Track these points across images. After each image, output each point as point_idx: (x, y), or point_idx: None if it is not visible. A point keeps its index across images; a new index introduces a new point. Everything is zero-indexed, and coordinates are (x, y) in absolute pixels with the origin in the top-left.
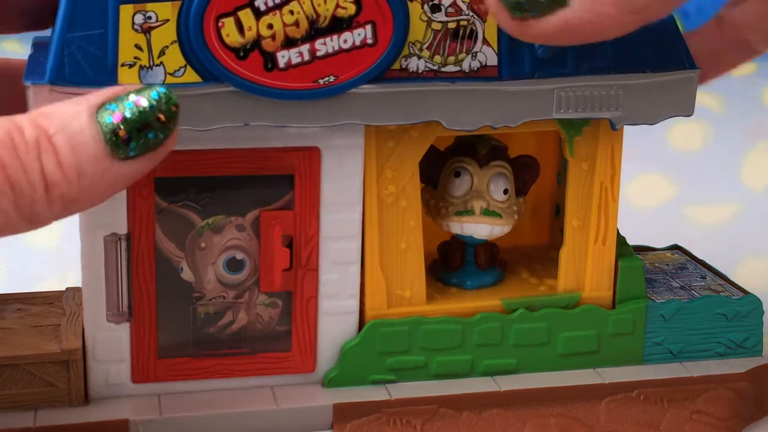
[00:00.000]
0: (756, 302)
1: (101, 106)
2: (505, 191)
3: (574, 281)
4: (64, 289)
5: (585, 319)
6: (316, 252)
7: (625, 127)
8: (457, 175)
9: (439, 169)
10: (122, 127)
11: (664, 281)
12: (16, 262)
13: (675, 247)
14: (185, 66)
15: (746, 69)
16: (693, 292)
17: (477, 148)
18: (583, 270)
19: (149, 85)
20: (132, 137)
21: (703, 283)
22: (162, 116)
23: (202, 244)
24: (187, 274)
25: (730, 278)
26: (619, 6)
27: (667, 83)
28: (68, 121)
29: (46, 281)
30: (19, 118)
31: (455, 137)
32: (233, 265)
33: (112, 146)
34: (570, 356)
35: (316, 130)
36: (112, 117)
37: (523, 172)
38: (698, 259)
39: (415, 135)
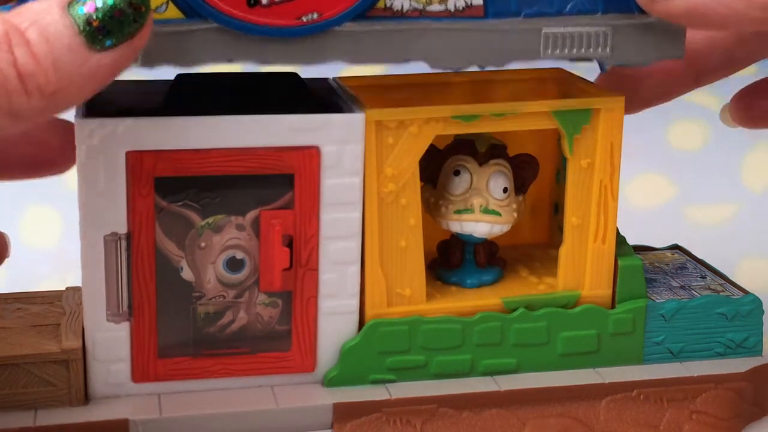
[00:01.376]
0: (756, 302)
1: (71, 1)
2: (505, 190)
3: (573, 280)
4: (64, 289)
5: (585, 319)
6: (316, 251)
7: (625, 125)
8: (457, 173)
9: (438, 167)
10: (95, 16)
11: (664, 281)
12: (16, 262)
13: (675, 247)
14: (167, 2)
15: (746, 70)
16: (693, 291)
17: (476, 147)
18: (583, 268)
19: None
20: (106, 26)
21: (703, 283)
22: (134, 3)
23: (202, 244)
24: (187, 274)
25: (730, 278)
26: (747, 3)
27: (657, 25)
28: (40, 14)
29: (46, 281)
30: None
31: (454, 136)
32: (233, 265)
33: (87, 37)
34: (570, 356)
35: (315, 128)
36: (84, 8)
37: (523, 171)
38: (698, 259)
39: (415, 132)
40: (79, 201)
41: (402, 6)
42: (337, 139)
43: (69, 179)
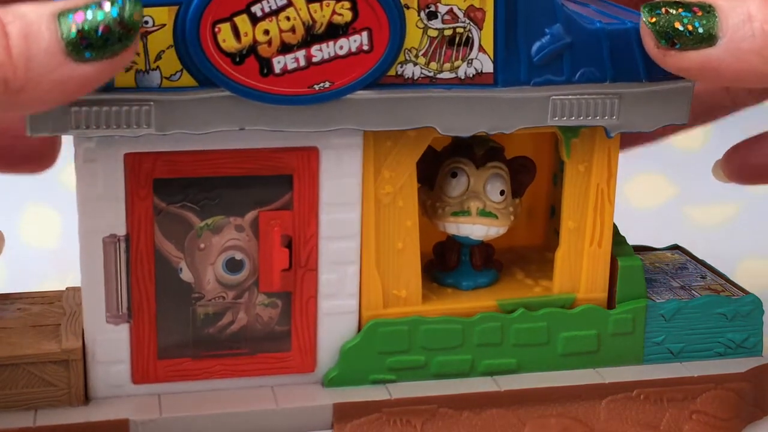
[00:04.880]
0: (756, 302)
1: (64, 10)
2: (502, 192)
3: (569, 283)
4: (64, 289)
5: (585, 319)
6: (315, 252)
7: None
8: (454, 175)
9: (435, 169)
10: (81, 27)
11: (664, 281)
12: (16, 262)
13: (675, 247)
14: (181, 70)
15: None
16: (693, 292)
17: (474, 149)
18: (578, 272)
19: None
20: (90, 39)
21: (703, 283)
22: (123, 23)
23: (202, 245)
24: (186, 275)
25: (730, 278)
26: (765, 57)
27: (663, 92)
28: (28, 14)
29: (46, 281)
30: None
31: (452, 138)
32: (232, 266)
33: (67, 44)
34: (570, 356)
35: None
36: (74, 15)
37: (520, 174)
38: (698, 259)
39: (413, 135)
40: (77, 203)
41: (413, 74)
42: (336, 141)
43: (68, 180)
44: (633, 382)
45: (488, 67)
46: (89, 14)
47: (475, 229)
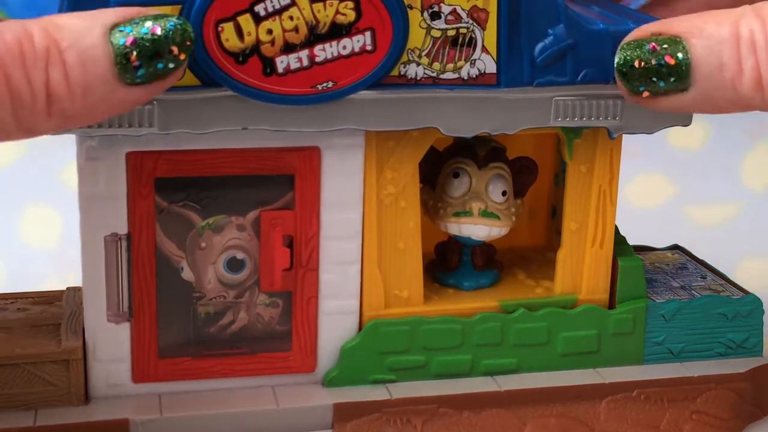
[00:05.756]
0: (756, 302)
1: (115, 26)
2: (504, 193)
3: (570, 284)
4: (64, 289)
5: (585, 319)
6: (316, 252)
7: None
8: (456, 176)
9: (437, 169)
10: (134, 51)
11: (664, 281)
12: (16, 262)
13: (675, 247)
14: (184, 70)
15: None
16: (693, 292)
17: (476, 150)
18: (580, 273)
19: (165, 15)
20: (142, 63)
21: (703, 283)
22: (175, 48)
23: (203, 244)
24: (187, 274)
25: (730, 278)
26: (734, 102)
27: None
28: (81, 35)
29: (46, 281)
30: (30, 25)
31: (454, 138)
32: (233, 265)
33: (120, 69)
34: (570, 356)
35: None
36: (126, 39)
37: (522, 174)
38: (698, 259)
39: (416, 136)
40: (79, 202)
41: (416, 74)
42: (338, 141)
43: (69, 179)
44: (633, 382)
45: (491, 68)
46: (141, 39)
47: (477, 230)
